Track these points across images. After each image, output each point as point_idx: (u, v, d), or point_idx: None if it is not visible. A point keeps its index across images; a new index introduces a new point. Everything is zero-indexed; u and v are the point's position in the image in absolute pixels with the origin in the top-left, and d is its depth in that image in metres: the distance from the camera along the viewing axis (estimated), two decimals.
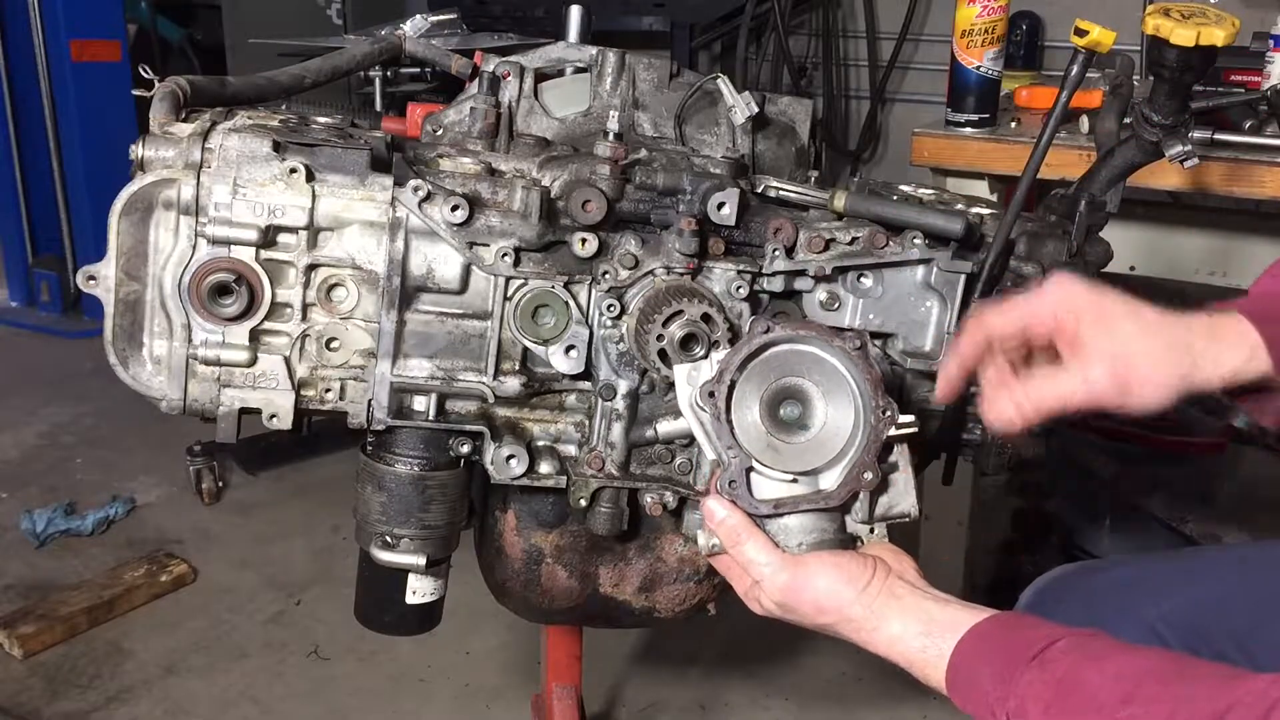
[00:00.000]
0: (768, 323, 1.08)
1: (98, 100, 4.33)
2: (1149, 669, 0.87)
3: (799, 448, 1.07)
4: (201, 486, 3.12)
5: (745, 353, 1.06)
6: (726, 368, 1.06)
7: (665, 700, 2.37)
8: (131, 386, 1.16)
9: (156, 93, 1.19)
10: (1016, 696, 0.89)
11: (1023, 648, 0.91)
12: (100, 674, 2.42)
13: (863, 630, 1.01)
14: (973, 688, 0.93)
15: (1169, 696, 0.83)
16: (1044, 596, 1.25)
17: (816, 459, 1.07)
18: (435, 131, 1.32)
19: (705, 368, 1.11)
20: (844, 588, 1.01)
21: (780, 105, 1.42)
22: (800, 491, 1.08)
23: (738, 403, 1.06)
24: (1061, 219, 1.33)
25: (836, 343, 1.07)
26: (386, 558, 1.22)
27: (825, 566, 1.03)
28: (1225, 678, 0.83)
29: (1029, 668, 0.89)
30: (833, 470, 1.08)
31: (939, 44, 3.74)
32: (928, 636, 0.98)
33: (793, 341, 1.08)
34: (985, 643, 0.95)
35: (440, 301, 1.18)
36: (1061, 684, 0.87)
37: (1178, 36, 1.12)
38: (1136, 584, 1.19)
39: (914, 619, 0.99)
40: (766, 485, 1.07)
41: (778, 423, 1.07)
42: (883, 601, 1.01)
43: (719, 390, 1.06)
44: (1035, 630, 0.94)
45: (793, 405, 1.08)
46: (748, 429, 1.06)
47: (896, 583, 1.02)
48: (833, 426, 1.07)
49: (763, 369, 1.07)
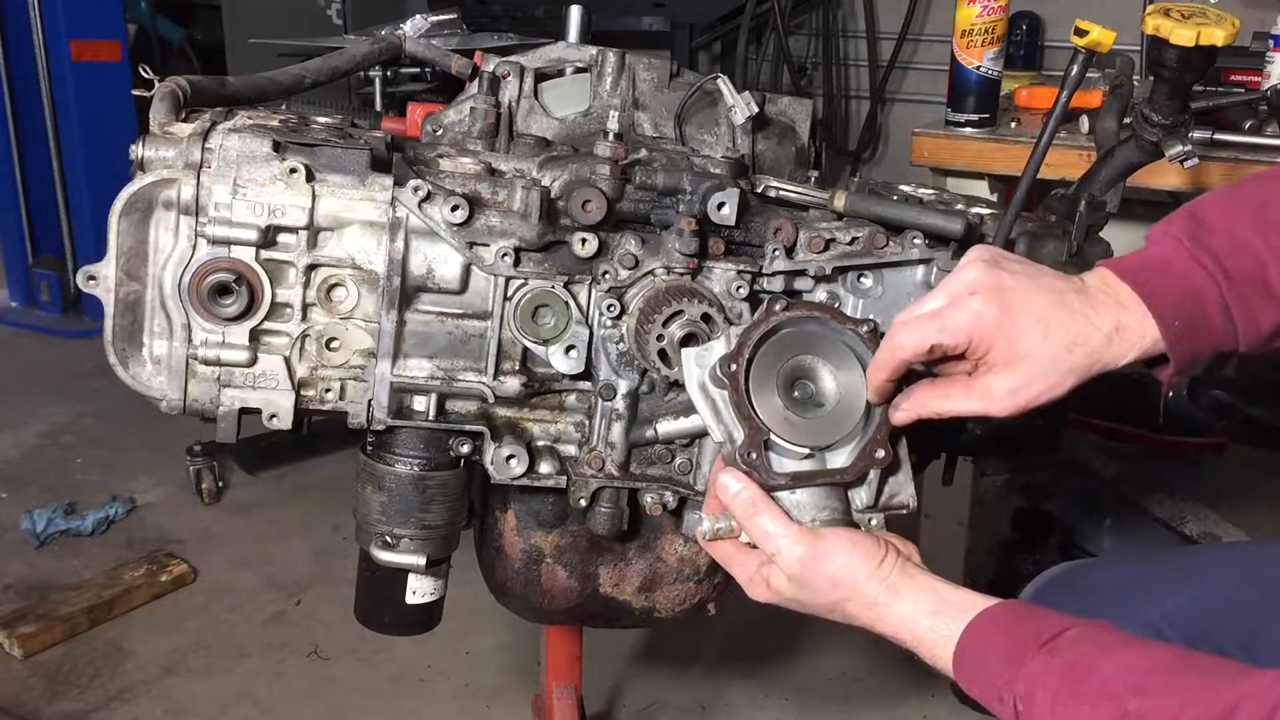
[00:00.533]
0: (785, 300, 1.09)
1: (98, 100, 4.33)
2: (1158, 661, 0.87)
3: (815, 423, 1.08)
4: (201, 486, 3.12)
5: (763, 329, 1.08)
6: (745, 342, 1.07)
7: (665, 700, 2.37)
8: (131, 386, 1.16)
9: (156, 93, 1.19)
10: (1025, 681, 0.89)
11: (1033, 634, 0.91)
12: (100, 674, 2.42)
13: (875, 607, 1.01)
14: (980, 670, 0.93)
15: (1178, 689, 0.83)
16: (1043, 594, 1.25)
17: (832, 434, 1.08)
18: (435, 131, 1.32)
19: (715, 348, 1.11)
20: (860, 563, 1.01)
21: (780, 105, 1.42)
22: (814, 468, 1.08)
23: (754, 378, 1.07)
24: (1061, 219, 1.33)
25: (849, 325, 1.10)
26: (386, 558, 1.22)
27: (842, 540, 1.03)
28: (1233, 672, 0.83)
29: (1039, 653, 0.90)
30: (843, 450, 1.09)
31: (939, 44, 3.75)
32: (938, 616, 0.98)
33: (806, 322, 1.09)
34: (995, 627, 0.95)
35: (440, 301, 1.18)
36: (1071, 671, 0.87)
37: (1178, 36, 1.12)
38: (1136, 583, 1.19)
39: (926, 598, 0.99)
40: (780, 461, 1.08)
41: (793, 400, 1.08)
42: (896, 578, 1.01)
43: (739, 363, 1.07)
44: (1046, 618, 0.94)
45: (806, 384, 1.10)
46: (765, 403, 1.07)
47: (908, 564, 1.03)
48: (846, 404, 1.09)
49: (778, 346, 1.09)
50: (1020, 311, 0.97)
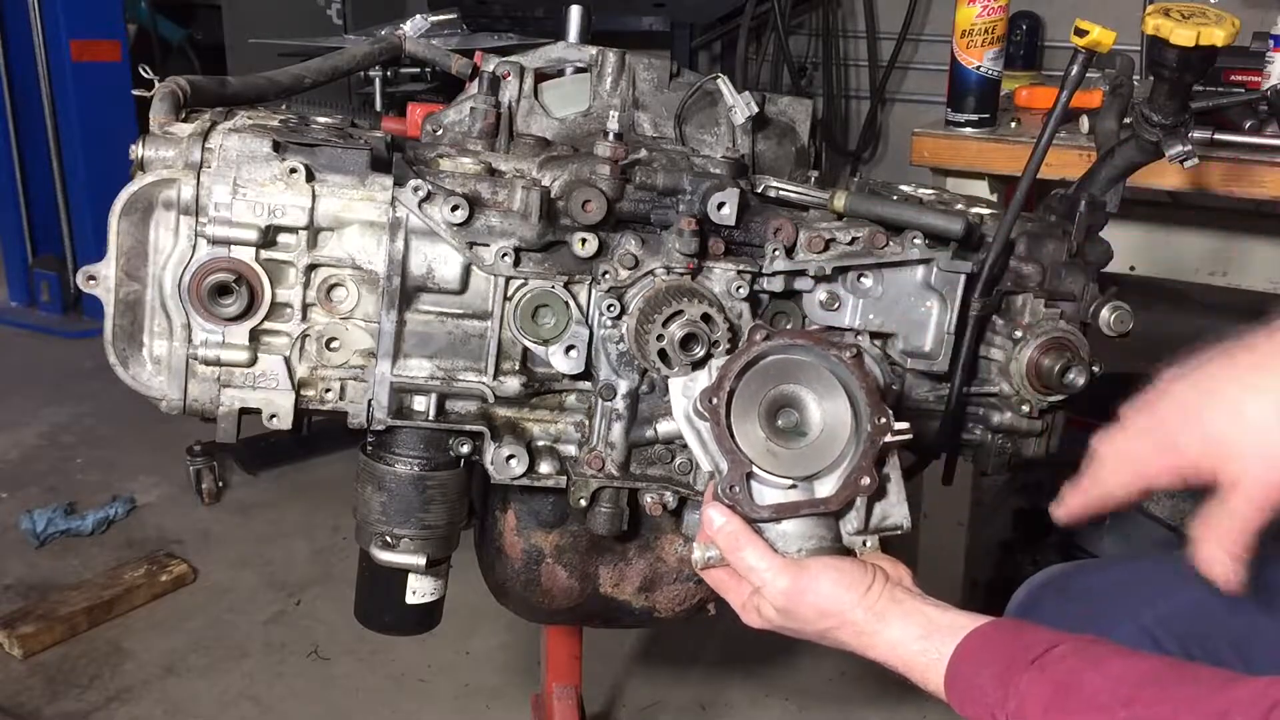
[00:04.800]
0: (766, 330, 1.08)
1: (98, 100, 4.33)
2: (1149, 672, 0.87)
3: (797, 453, 1.07)
4: (201, 486, 3.12)
5: (743, 361, 1.07)
6: (725, 375, 1.06)
7: (665, 700, 2.37)
8: (131, 386, 1.16)
9: (156, 93, 1.19)
10: (1016, 697, 0.89)
11: (1023, 651, 0.92)
12: (100, 674, 2.42)
13: (863, 634, 1.01)
14: (971, 689, 0.93)
15: (1169, 698, 0.83)
16: (1037, 597, 1.24)
17: (815, 464, 1.08)
18: (435, 131, 1.32)
19: (701, 378, 1.11)
20: (846, 591, 1.01)
21: (780, 105, 1.42)
22: (798, 498, 1.08)
23: (736, 410, 1.07)
24: (1061, 219, 1.33)
25: (832, 351, 1.08)
26: (386, 558, 1.22)
27: (827, 570, 1.03)
28: (1225, 680, 0.83)
29: (1029, 669, 0.90)
30: (829, 478, 1.08)
31: (939, 44, 3.75)
32: (927, 639, 0.98)
33: (789, 350, 1.08)
34: (985, 645, 0.95)
35: (440, 301, 1.18)
36: (1061, 685, 0.87)
37: (1178, 36, 1.12)
38: (1132, 585, 1.19)
39: (914, 623, 0.99)
40: (765, 492, 1.08)
41: (776, 430, 1.08)
42: (883, 605, 1.01)
43: (719, 397, 1.06)
44: (1036, 634, 0.94)
45: (790, 412, 1.09)
46: (747, 435, 1.06)
47: (897, 589, 1.03)
48: (830, 433, 1.08)
49: (760, 376, 1.08)
50: (1226, 410, 0.93)
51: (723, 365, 1.08)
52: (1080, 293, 1.30)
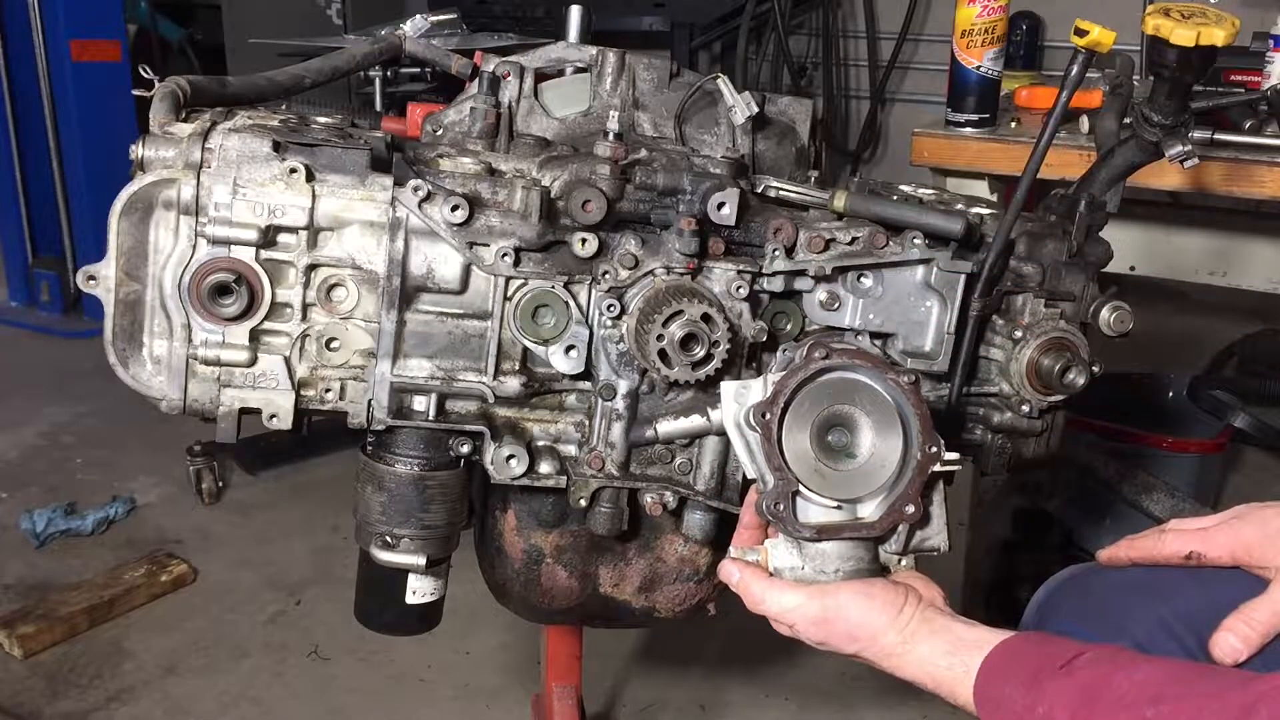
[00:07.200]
0: (826, 347, 1.07)
1: (98, 100, 4.33)
2: (1174, 673, 0.89)
3: (845, 475, 1.07)
4: (201, 486, 3.12)
5: (801, 377, 1.06)
6: (781, 390, 1.06)
7: (665, 700, 2.37)
8: (131, 386, 1.16)
9: (156, 93, 1.19)
10: (1045, 703, 0.91)
11: (1049, 659, 0.94)
12: (100, 674, 2.42)
13: (893, 656, 1.03)
14: (1001, 698, 0.95)
15: (1195, 694, 0.85)
16: (1054, 597, 1.25)
17: (862, 488, 1.08)
18: (435, 131, 1.32)
19: (755, 387, 1.10)
20: (878, 615, 1.03)
21: (780, 105, 1.42)
22: (842, 519, 1.08)
23: (788, 426, 1.06)
24: (1061, 219, 1.33)
25: (890, 375, 1.07)
26: (386, 558, 1.22)
27: (857, 596, 1.05)
28: (1248, 677, 0.86)
29: (1056, 675, 0.92)
30: (873, 501, 1.08)
31: (939, 44, 3.75)
32: (954, 655, 1.00)
33: (848, 370, 1.08)
34: (1013, 656, 0.97)
35: (440, 301, 1.18)
36: (1089, 688, 0.89)
37: (1178, 36, 1.12)
38: (1148, 584, 1.20)
39: (942, 640, 1.01)
40: (809, 509, 1.08)
41: (826, 449, 1.07)
42: (915, 627, 1.03)
43: (773, 412, 1.05)
44: (1062, 645, 0.96)
45: (841, 432, 1.08)
46: (797, 453, 1.06)
47: (929, 609, 1.05)
48: (880, 457, 1.07)
49: (815, 394, 1.07)
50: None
51: (779, 380, 1.07)
52: (1080, 293, 1.30)
